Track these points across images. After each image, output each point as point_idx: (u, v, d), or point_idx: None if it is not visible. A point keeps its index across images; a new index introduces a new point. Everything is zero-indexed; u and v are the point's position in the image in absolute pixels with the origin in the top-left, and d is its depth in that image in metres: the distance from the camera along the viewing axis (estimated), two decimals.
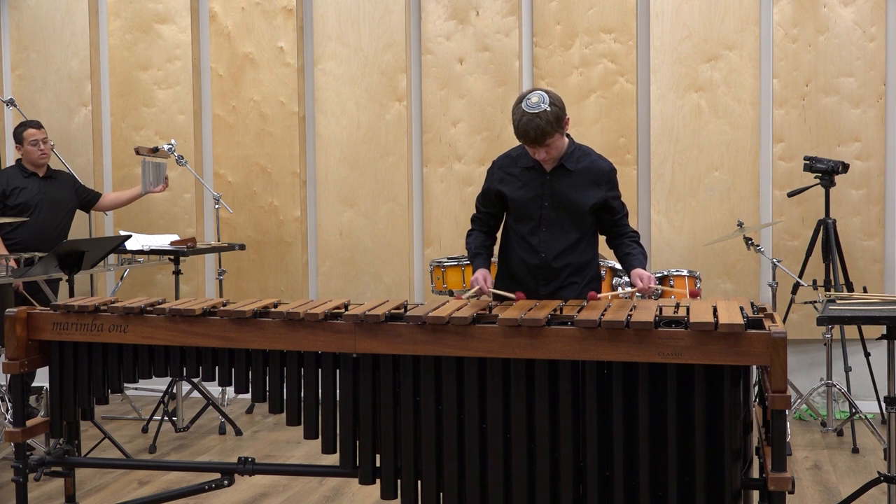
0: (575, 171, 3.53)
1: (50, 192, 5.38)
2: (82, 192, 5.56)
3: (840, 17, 5.43)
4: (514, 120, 3.39)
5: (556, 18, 5.69)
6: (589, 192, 3.55)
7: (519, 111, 3.37)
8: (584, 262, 3.60)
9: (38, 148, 5.34)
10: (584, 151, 3.60)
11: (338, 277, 6.00)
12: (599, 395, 2.80)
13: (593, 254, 3.66)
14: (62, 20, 6.18)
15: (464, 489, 2.92)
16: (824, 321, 3.28)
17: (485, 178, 3.70)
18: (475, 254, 3.68)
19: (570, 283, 3.58)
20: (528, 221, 3.58)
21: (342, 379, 3.03)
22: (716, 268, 5.56)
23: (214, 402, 5.27)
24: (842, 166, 4.99)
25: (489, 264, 3.67)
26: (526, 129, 3.35)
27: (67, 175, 5.59)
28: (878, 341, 3.76)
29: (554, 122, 3.36)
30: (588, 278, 3.62)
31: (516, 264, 3.62)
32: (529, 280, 3.59)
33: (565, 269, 3.57)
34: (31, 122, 5.44)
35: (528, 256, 3.58)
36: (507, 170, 3.61)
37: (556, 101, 3.38)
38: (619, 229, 3.66)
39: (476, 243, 3.70)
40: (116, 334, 3.19)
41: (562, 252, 3.56)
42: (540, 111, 3.33)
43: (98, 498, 4.15)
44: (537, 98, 3.36)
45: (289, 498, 4.16)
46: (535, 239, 3.56)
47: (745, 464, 2.85)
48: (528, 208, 3.57)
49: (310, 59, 6.03)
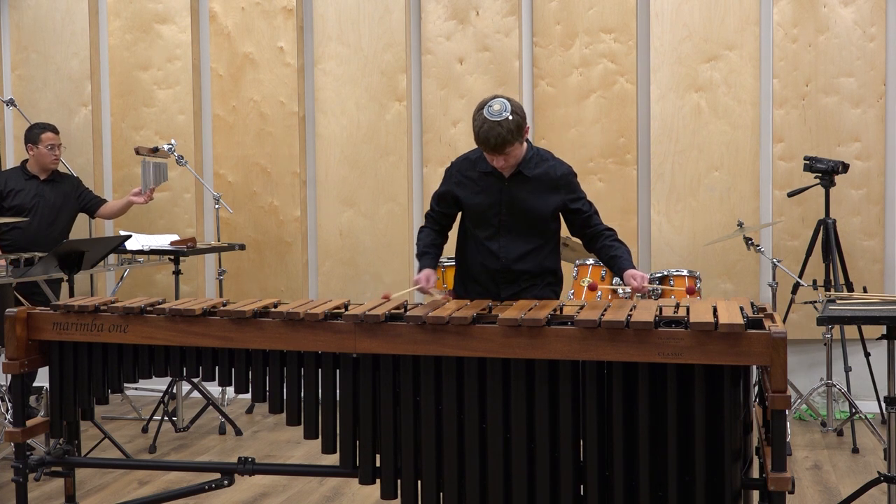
0: (532, 177, 3.53)
1: (48, 196, 5.33)
2: (85, 198, 5.50)
3: (840, 17, 5.43)
4: (474, 127, 3.38)
5: (556, 18, 5.69)
6: (547, 198, 3.55)
7: (480, 118, 3.36)
8: (545, 267, 3.61)
9: (54, 153, 5.33)
10: (542, 157, 3.59)
11: (338, 277, 6.00)
12: (599, 395, 2.81)
13: (556, 259, 3.66)
14: (62, 20, 6.18)
15: (464, 489, 2.92)
16: (824, 321, 3.28)
17: (442, 179, 3.70)
18: (423, 252, 3.69)
19: (531, 286, 3.58)
20: (487, 227, 3.58)
21: (342, 379, 3.03)
22: (716, 268, 5.55)
23: (214, 402, 5.27)
24: (842, 166, 4.99)
25: (435, 264, 3.68)
26: (486, 137, 3.35)
27: (71, 179, 5.54)
28: (878, 341, 3.76)
29: (515, 131, 3.35)
30: (548, 280, 3.62)
31: (475, 267, 3.63)
32: (489, 283, 3.60)
33: (525, 273, 3.57)
34: (49, 125, 5.42)
35: (487, 261, 3.59)
36: (465, 173, 3.61)
37: (517, 110, 3.37)
38: (591, 229, 3.62)
39: (426, 241, 3.71)
40: (116, 334, 3.19)
41: (521, 256, 3.56)
42: (501, 119, 3.32)
43: (98, 498, 4.15)
44: (499, 106, 3.35)
45: (289, 498, 4.16)
46: (495, 244, 3.57)
47: (745, 464, 2.85)
48: (485, 215, 3.57)
49: (310, 59, 6.03)
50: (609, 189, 5.63)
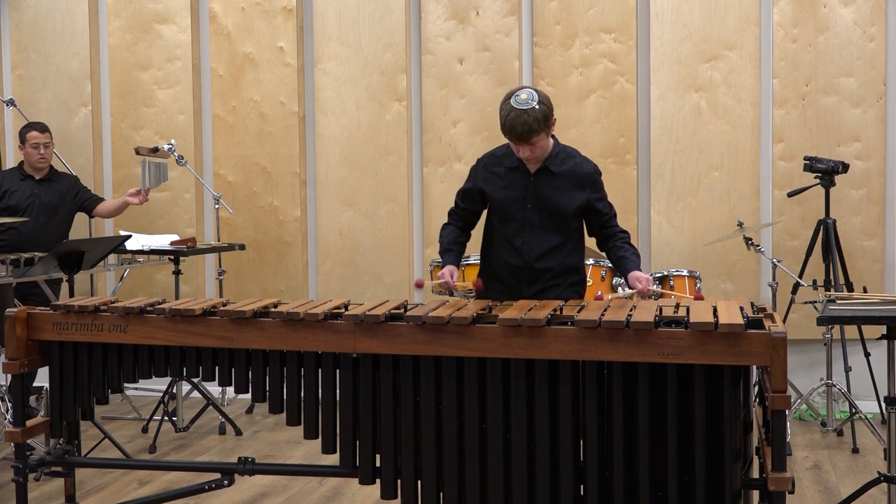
0: (559, 173, 3.53)
1: (43, 196, 5.32)
2: (82, 197, 5.48)
3: (840, 17, 5.43)
4: (501, 115, 3.39)
5: (556, 18, 5.69)
6: (572, 194, 3.55)
7: (507, 107, 3.37)
8: (568, 265, 3.60)
9: (38, 152, 5.31)
10: (569, 153, 3.59)
11: (338, 277, 6.00)
12: (599, 395, 2.80)
13: (578, 257, 3.65)
14: (62, 20, 6.18)
15: (464, 489, 2.92)
16: (824, 321, 3.28)
17: (468, 175, 3.70)
18: (447, 249, 3.68)
19: (553, 286, 3.57)
20: (512, 223, 3.57)
21: (342, 379, 3.03)
22: (716, 268, 5.55)
23: (214, 402, 5.27)
24: (842, 166, 4.99)
25: (459, 261, 3.67)
26: (513, 125, 3.35)
27: (68, 178, 5.53)
28: (878, 341, 3.76)
29: (541, 120, 3.35)
30: (571, 280, 3.61)
31: (499, 264, 3.62)
32: (512, 280, 3.59)
33: (548, 271, 3.56)
34: (37, 124, 5.41)
35: (510, 257, 3.58)
36: (491, 169, 3.61)
37: (544, 100, 3.38)
38: (607, 230, 3.64)
39: (450, 238, 3.70)
40: (116, 334, 3.19)
41: (545, 254, 3.55)
42: (528, 108, 3.34)
43: (98, 498, 4.15)
44: (526, 95, 3.36)
45: (289, 498, 4.16)
46: (519, 240, 3.56)
47: (745, 464, 2.85)
48: (511, 210, 3.56)
49: (310, 59, 6.03)
50: (609, 189, 5.47)
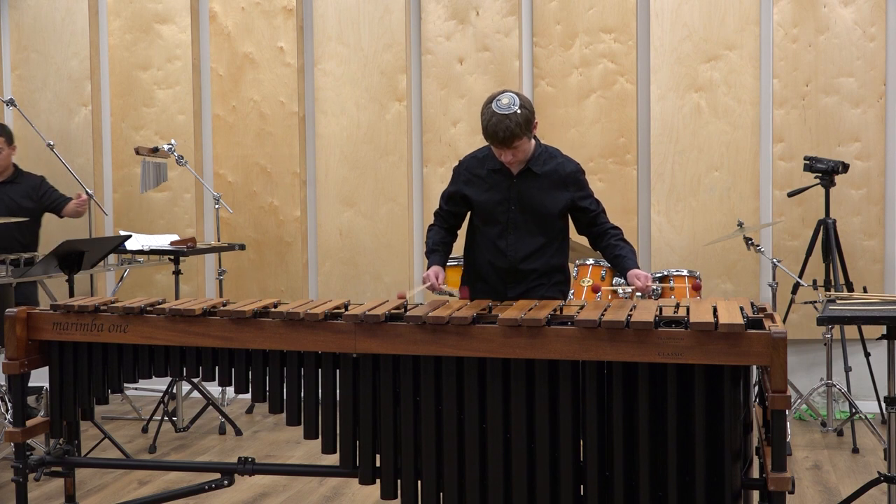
0: (541, 174, 3.53)
1: (6, 199, 5.29)
2: (49, 197, 5.41)
3: (840, 17, 5.43)
4: (482, 120, 3.39)
5: (556, 18, 5.69)
6: (556, 195, 3.55)
7: (489, 111, 3.37)
8: (552, 265, 3.60)
9: None
10: (551, 154, 3.59)
11: (338, 277, 6.00)
12: (599, 395, 2.80)
13: (563, 257, 3.66)
14: (62, 20, 6.18)
15: (464, 489, 2.92)
16: (824, 321, 3.27)
17: (451, 178, 3.70)
18: (432, 250, 3.69)
19: (538, 286, 3.58)
20: (496, 225, 3.58)
21: (342, 379, 3.03)
22: (716, 268, 5.55)
23: (214, 402, 5.27)
24: (842, 166, 4.99)
25: (445, 262, 3.68)
26: (495, 130, 3.35)
27: (34, 179, 5.46)
28: (878, 341, 3.76)
29: (523, 125, 3.36)
30: (555, 280, 3.62)
31: (483, 266, 3.63)
32: (497, 281, 3.60)
33: (533, 272, 3.57)
34: None
35: (495, 259, 3.59)
36: (473, 171, 3.61)
37: (526, 104, 3.38)
38: (598, 227, 3.63)
39: (435, 239, 3.71)
40: (116, 334, 3.19)
41: (529, 255, 3.56)
42: (510, 113, 3.33)
43: (98, 498, 4.15)
44: (508, 100, 3.36)
45: (289, 498, 4.16)
46: (503, 242, 3.57)
47: (745, 464, 2.85)
48: (494, 212, 3.57)
49: (310, 59, 6.03)
50: (609, 189, 5.62)
